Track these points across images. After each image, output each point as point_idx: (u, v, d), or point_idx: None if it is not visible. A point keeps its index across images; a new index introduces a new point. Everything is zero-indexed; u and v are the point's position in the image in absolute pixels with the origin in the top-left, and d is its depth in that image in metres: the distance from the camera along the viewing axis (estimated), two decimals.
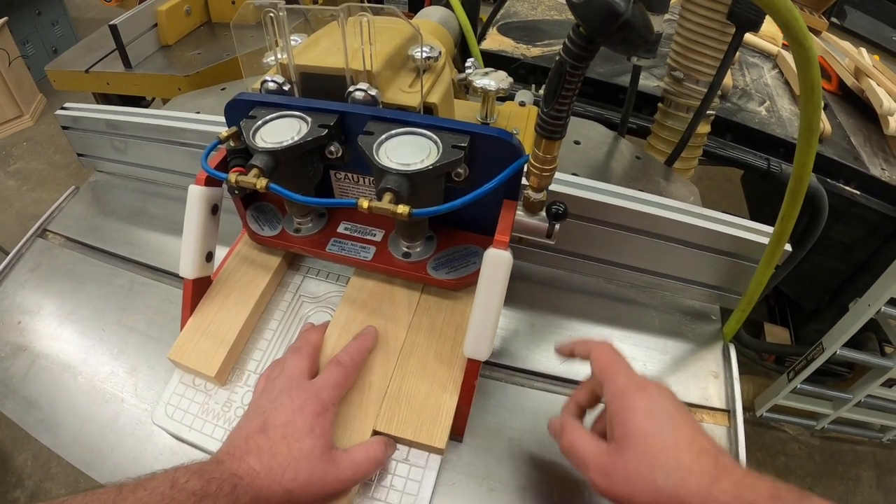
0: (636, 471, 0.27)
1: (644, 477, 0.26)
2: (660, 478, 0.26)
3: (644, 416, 0.28)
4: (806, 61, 0.29)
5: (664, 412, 0.28)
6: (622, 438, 0.28)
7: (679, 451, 0.26)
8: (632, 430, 0.28)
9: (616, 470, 0.27)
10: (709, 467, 0.25)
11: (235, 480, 0.29)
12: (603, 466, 0.28)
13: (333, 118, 0.36)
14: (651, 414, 0.28)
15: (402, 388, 0.36)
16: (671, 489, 0.25)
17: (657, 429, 0.27)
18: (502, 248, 0.33)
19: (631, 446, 0.27)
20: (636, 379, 0.30)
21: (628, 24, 0.24)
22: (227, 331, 0.40)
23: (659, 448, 0.27)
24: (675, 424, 0.27)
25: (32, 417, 0.42)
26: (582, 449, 0.30)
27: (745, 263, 0.45)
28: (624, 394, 0.29)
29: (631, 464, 0.27)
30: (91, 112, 0.59)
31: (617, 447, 0.28)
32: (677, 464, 0.26)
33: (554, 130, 0.31)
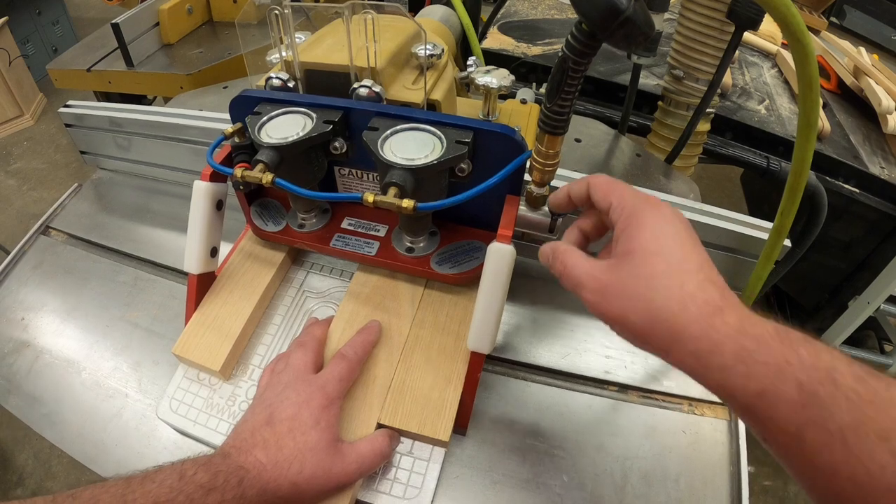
0: (634, 289, 0.24)
1: (641, 296, 0.24)
2: (658, 299, 0.23)
3: (651, 234, 0.25)
4: (804, 58, 0.29)
5: (675, 233, 0.25)
6: (623, 254, 0.25)
7: (684, 275, 0.24)
8: (635, 246, 0.25)
9: (612, 287, 0.25)
10: (714, 297, 0.23)
11: (242, 473, 0.29)
12: (599, 283, 0.26)
13: (338, 114, 0.36)
14: (659, 233, 0.25)
15: (406, 382, 0.37)
16: (669, 313, 0.23)
17: (663, 248, 0.24)
18: (506, 242, 0.33)
19: (631, 263, 0.25)
20: (648, 197, 0.27)
21: (630, 20, 0.24)
22: (231, 325, 0.40)
23: (662, 269, 0.24)
24: (685, 248, 0.25)
25: (36, 413, 0.43)
26: (577, 268, 0.27)
27: (745, 259, 0.46)
28: (634, 209, 0.26)
29: (629, 281, 0.24)
30: (94, 109, 0.59)
31: (616, 263, 0.25)
32: (680, 288, 0.23)
33: (556, 125, 0.31)
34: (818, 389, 0.20)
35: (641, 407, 0.41)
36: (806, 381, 0.20)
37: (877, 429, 0.19)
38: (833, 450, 0.19)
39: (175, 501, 0.26)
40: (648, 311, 0.24)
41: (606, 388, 0.42)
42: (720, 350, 0.22)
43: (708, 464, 0.38)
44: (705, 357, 0.22)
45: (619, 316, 0.25)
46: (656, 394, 0.42)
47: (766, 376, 0.21)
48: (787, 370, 0.21)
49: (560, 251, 0.29)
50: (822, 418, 0.20)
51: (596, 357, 0.44)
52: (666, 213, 0.26)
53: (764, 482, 1.15)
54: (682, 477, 0.37)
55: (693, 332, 0.22)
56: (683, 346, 0.23)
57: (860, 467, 0.19)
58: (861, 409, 0.19)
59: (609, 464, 0.37)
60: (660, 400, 0.41)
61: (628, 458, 0.38)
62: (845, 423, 0.19)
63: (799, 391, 0.20)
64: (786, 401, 0.21)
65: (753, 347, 0.22)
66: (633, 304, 0.24)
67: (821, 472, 0.20)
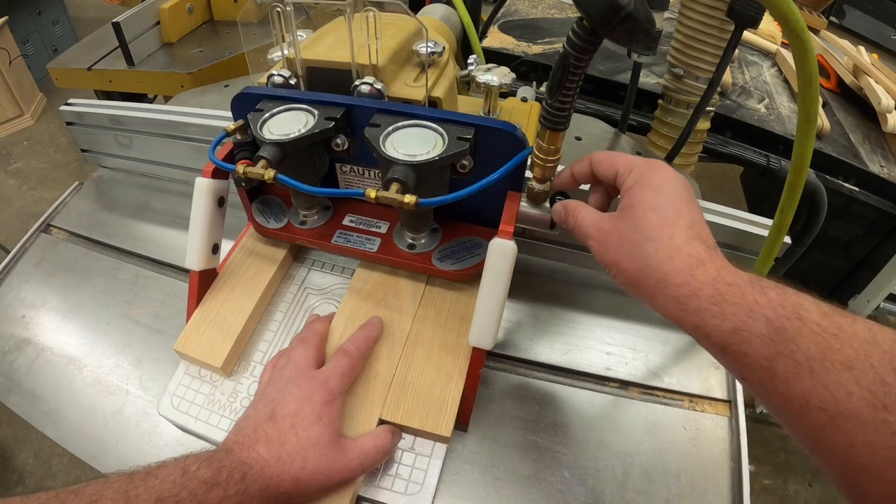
0: (629, 237, 0.27)
1: (635, 244, 0.27)
2: (649, 248, 0.26)
3: (651, 191, 0.28)
4: (804, 54, 0.29)
5: (672, 192, 0.28)
6: (625, 208, 0.28)
7: (675, 229, 0.26)
8: (635, 201, 0.28)
9: (612, 235, 0.28)
10: (698, 251, 0.26)
11: (245, 469, 0.29)
12: (601, 232, 0.29)
13: (340, 111, 0.36)
14: (659, 190, 0.28)
15: (407, 378, 0.37)
16: (657, 262, 0.26)
17: (660, 204, 0.27)
18: (507, 238, 0.33)
19: (631, 215, 0.28)
20: (653, 160, 0.30)
21: (630, 16, 0.24)
22: (232, 322, 0.40)
23: (656, 221, 0.27)
24: (680, 206, 0.27)
25: (37, 410, 0.43)
26: (586, 220, 0.30)
27: (745, 256, 0.46)
28: (640, 170, 0.29)
29: (626, 230, 0.28)
30: (95, 107, 0.59)
31: (619, 216, 0.29)
32: (669, 240, 0.26)
33: (558, 122, 0.31)
34: (785, 324, 0.22)
35: (642, 403, 0.41)
36: (774, 317, 0.22)
37: (841, 359, 0.20)
38: (802, 379, 0.21)
39: (178, 497, 0.26)
40: (639, 258, 0.26)
41: (607, 384, 0.42)
42: (698, 294, 0.24)
43: (709, 460, 0.38)
44: (685, 300, 0.25)
45: (615, 261, 0.28)
46: (657, 390, 0.42)
47: (737, 315, 0.23)
48: (757, 309, 0.23)
49: (571, 207, 0.32)
50: (790, 350, 0.21)
51: (597, 353, 0.44)
52: (668, 172, 0.29)
53: (764, 481, 1.15)
54: (683, 473, 0.37)
55: (675, 280, 0.25)
56: (666, 291, 0.25)
57: (828, 395, 0.20)
58: (826, 341, 0.21)
59: (610, 460, 0.37)
60: (660, 396, 0.42)
61: (629, 454, 0.38)
62: (812, 354, 0.21)
63: (767, 326, 0.22)
64: (757, 336, 0.22)
65: (727, 292, 0.24)
66: (627, 252, 0.27)
67: (794, 404, 0.21)
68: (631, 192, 0.29)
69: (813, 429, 0.21)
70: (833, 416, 0.20)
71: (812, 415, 0.21)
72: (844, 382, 0.20)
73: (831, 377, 0.20)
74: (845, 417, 0.20)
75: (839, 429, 0.20)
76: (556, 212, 0.34)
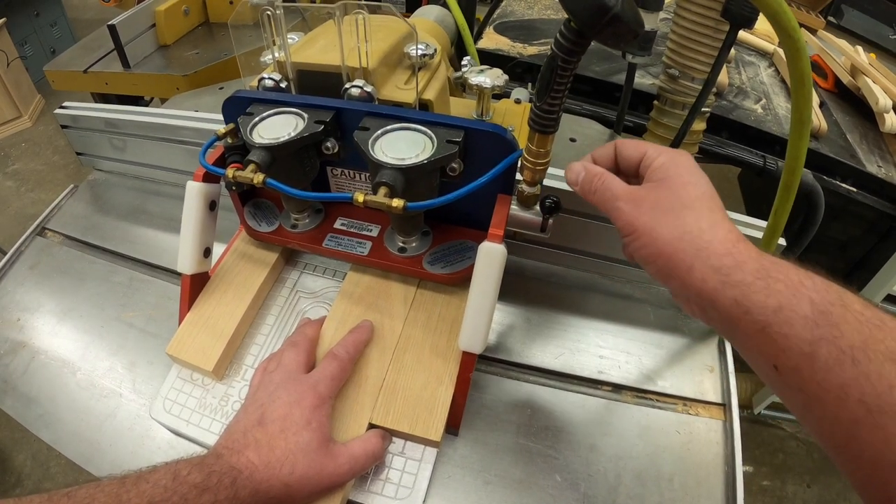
0: (668, 203, 0.26)
1: (674, 211, 0.26)
2: (690, 217, 0.25)
3: (685, 168, 0.27)
4: (795, 53, 0.29)
5: (704, 175, 0.28)
6: (660, 180, 0.27)
7: (713, 206, 0.26)
8: (671, 174, 0.27)
9: (648, 200, 0.27)
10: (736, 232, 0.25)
11: (235, 474, 0.29)
12: (635, 195, 0.27)
13: (330, 114, 0.36)
14: (692, 169, 0.27)
15: (398, 382, 0.37)
16: (699, 230, 0.25)
17: (697, 181, 0.27)
18: (497, 242, 0.33)
19: (667, 185, 0.27)
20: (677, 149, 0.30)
21: (617, 17, 0.24)
22: (224, 326, 0.40)
23: (696, 194, 0.26)
24: (712, 189, 0.27)
25: (32, 413, 0.43)
26: (614, 183, 0.29)
27: None
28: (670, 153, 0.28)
29: (665, 197, 0.26)
30: (90, 111, 0.59)
31: (653, 185, 0.27)
32: (711, 213, 0.25)
33: (546, 124, 0.31)
34: (830, 309, 0.21)
35: (635, 407, 0.41)
36: (818, 300, 0.22)
37: (885, 350, 0.20)
38: (844, 367, 0.20)
39: (169, 501, 0.26)
40: (678, 225, 0.25)
41: (600, 387, 0.42)
42: (742, 267, 0.23)
43: (702, 464, 0.38)
44: (727, 271, 0.24)
45: (649, 226, 0.26)
46: (650, 393, 0.42)
47: (782, 293, 0.22)
48: (802, 290, 0.22)
49: (598, 171, 0.30)
50: (833, 336, 0.21)
51: (589, 357, 0.44)
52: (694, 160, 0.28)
53: (762, 482, 1.15)
54: (676, 477, 0.37)
55: (719, 249, 0.24)
56: (707, 260, 0.24)
57: (869, 386, 0.19)
58: (870, 330, 0.20)
59: (602, 464, 0.37)
60: (654, 400, 0.41)
61: (622, 458, 0.38)
62: (855, 343, 0.20)
63: (812, 309, 0.21)
64: (801, 317, 0.21)
65: (772, 267, 0.23)
66: (664, 218, 0.26)
67: (831, 394, 0.20)
68: (664, 168, 0.28)
69: (847, 422, 0.20)
70: (872, 409, 0.19)
71: (849, 407, 0.20)
72: (887, 375, 0.19)
73: (874, 368, 0.19)
74: (884, 412, 0.19)
75: (877, 423, 0.19)
76: (574, 171, 0.31)
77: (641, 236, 0.27)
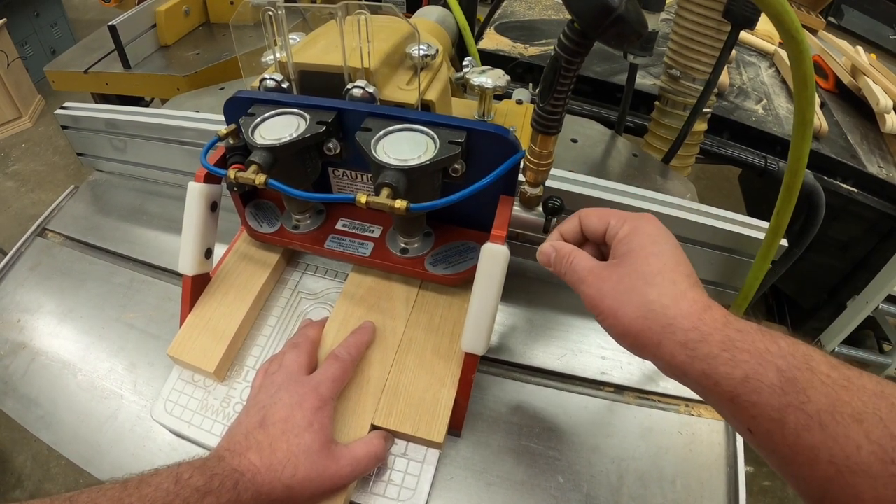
0: (630, 283, 0.26)
1: (637, 290, 0.26)
2: (653, 293, 0.25)
3: (648, 238, 0.27)
4: (799, 55, 0.29)
5: (668, 242, 0.27)
6: (622, 255, 0.27)
7: (677, 275, 0.26)
8: (634, 247, 0.27)
9: (610, 281, 0.27)
10: (703, 297, 0.25)
11: (237, 476, 0.29)
12: (598, 278, 0.28)
13: (332, 115, 0.36)
14: (655, 238, 0.27)
15: (400, 383, 0.36)
16: (662, 307, 0.25)
17: (660, 251, 0.27)
18: (499, 243, 0.33)
19: (630, 261, 0.27)
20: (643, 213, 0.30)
21: (621, 18, 0.24)
22: (225, 327, 0.40)
23: (658, 267, 0.26)
24: (677, 254, 0.27)
25: (32, 415, 0.42)
26: (580, 265, 0.29)
27: (742, 259, 0.46)
28: (633, 220, 0.29)
29: (626, 276, 0.26)
30: (90, 111, 0.59)
31: (616, 262, 0.28)
32: (673, 285, 0.25)
33: (549, 125, 0.31)
34: (797, 375, 0.22)
35: (637, 408, 0.41)
36: (785, 367, 0.22)
37: (851, 412, 0.20)
38: (812, 432, 0.21)
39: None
40: (643, 303, 0.25)
41: (602, 388, 0.42)
42: (708, 340, 0.24)
43: (704, 465, 0.38)
44: (694, 346, 0.24)
45: (613, 309, 0.27)
46: (652, 394, 0.42)
47: (748, 363, 0.23)
48: (768, 357, 0.22)
49: (564, 251, 0.30)
50: (801, 402, 0.21)
51: (592, 358, 0.43)
52: (660, 224, 0.29)
53: (763, 483, 1.15)
54: (679, 478, 0.37)
55: (684, 324, 0.24)
56: (674, 336, 0.24)
57: (837, 448, 0.20)
58: (836, 393, 0.21)
59: (605, 465, 0.37)
60: (656, 401, 0.41)
61: (624, 459, 0.37)
62: (822, 406, 0.21)
63: (779, 377, 0.22)
64: (768, 385, 0.22)
65: (737, 337, 0.23)
66: (628, 298, 0.26)
67: (803, 457, 0.21)
68: (628, 240, 0.28)
69: (820, 481, 0.21)
70: (842, 469, 0.20)
71: (820, 468, 0.20)
72: (854, 436, 0.20)
73: (841, 430, 0.20)
74: (854, 472, 0.20)
75: (847, 483, 0.20)
76: (544, 252, 0.32)
77: (607, 318, 0.27)
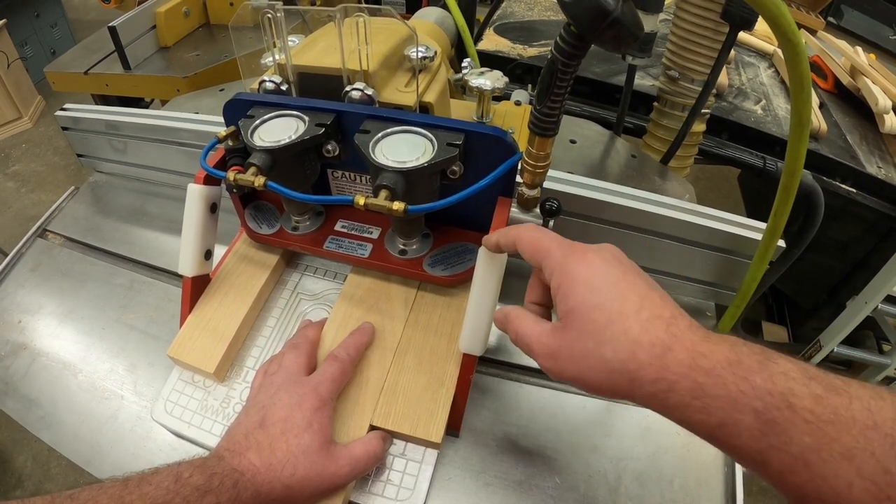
0: (583, 348, 0.24)
1: (591, 353, 0.24)
2: (608, 352, 0.24)
3: (585, 289, 0.25)
4: (795, 56, 0.29)
5: (607, 280, 0.25)
6: (565, 315, 0.25)
7: (626, 321, 0.24)
8: (574, 305, 0.25)
9: (562, 350, 0.25)
10: (660, 336, 0.23)
11: (237, 476, 0.29)
12: (549, 348, 0.26)
13: (330, 117, 0.36)
14: (593, 285, 0.25)
15: (398, 384, 0.37)
16: (621, 363, 0.23)
17: (601, 300, 0.25)
18: None
19: (575, 323, 0.25)
20: (574, 247, 0.27)
21: (618, 21, 0.24)
22: (225, 328, 0.40)
23: (604, 321, 0.24)
24: (621, 292, 0.25)
25: (33, 415, 0.43)
26: (527, 334, 0.27)
27: (740, 259, 0.46)
28: (563, 267, 0.26)
29: (577, 341, 0.25)
30: (91, 113, 0.59)
31: (561, 326, 0.26)
32: (625, 336, 0.23)
33: (546, 127, 0.31)
34: (775, 416, 0.20)
35: (635, 408, 0.41)
36: (762, 408, 0.20)
37: (839, 449, 0.19)
38: (797, 472, 0.20)
39: (172, 503, 0.26)
40: (602, 366, 0.24)
41: None
42: (676, 389, 0.22)
43: (702, 465, 0.38)
44: (663, 397, 0.23)
45: (577, 376, 0.25)
46: None
47: (721, 409, 0.21)
48: (742, 400, 0.21)
49: (511, 317, 0.29)
50: (782, 443, 0.20)
51: None
52: (593, 260, 0.26)
53: (761, 482, 1.14)
54: (677, 478, 0.37)
55: (648, 376, 0.23)
56: (642, 389, 0.23)
57: (826, 487, 0.19)
58: (821, 429, 0.19)
59: (603, 465, 0.37)
60: None
61: (622, 459, 0.38)
62: (806, 446, 0.19)
63: (756, 419, 0.21)
64: (746, 429, 0.21)
65: (707, 382, 0.22)
66: (587, 363, 0.24)
67: (792, 494, 0.20)
68: (563, 295, 0.26)
69: None
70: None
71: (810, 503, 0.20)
72: (844, 474, 0.19)
73: (829, 469, 0.19)
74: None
75: None
76: (497, 319, 0.31)
77: (576, 384, 0.25)
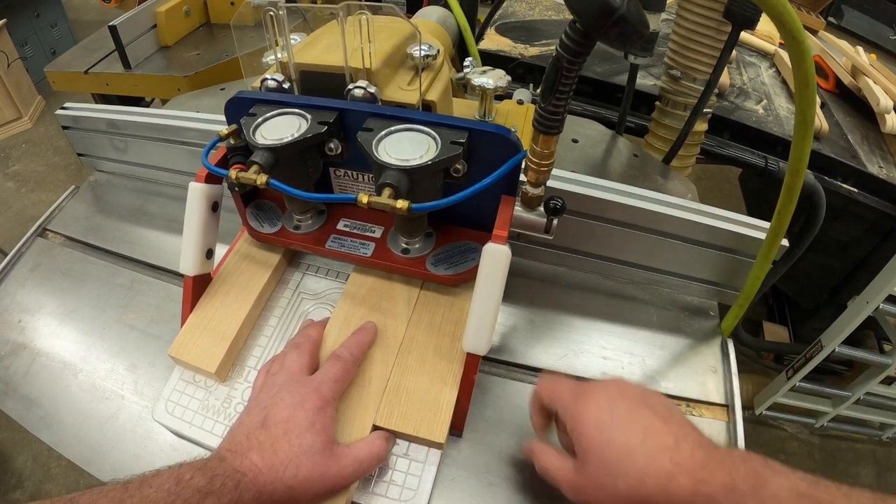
0: (600, 481, 0.29)
1: (607, 485, 0.28)
2: (620, 484, 0.28)
3: (595, 429, 0.29)
4: (800, 55, 0.29)
5: (613, 418, 0.29)
6: (582, 454, 0.30)
7: (633, 455, 0.28)
8: (587, 445, 0.29)
9: (586, 484, 0.30)
10: (665, 465, 0.27)
11: (238, 477, 0.29)
12: (573, 484, 0.30)
13: (333, 115, 0.36)
14: (600, 424, 0.29)
15: (401, 383, 0.36)
16: (632, 492, 0.27)
17: (609, 438, 0.29)
18: (501, 243, 0.33)
19: (591, 460, 0.29)
20: (581, 389, 0.32)
21: (623, 18, 0.24)
22: (227, 327, 0.40)
23: (614, 457, 0.28)
24: (626, 429, 0.29)
25: (33, 415, 0.42)
26: (552, 471, 0.32)
27: (743, 259, 0.46)
28: (573, 411, 0.31)
29: (594, 477, 0.29)
30: (91, 111, 0.59)
31: (581, 463, 0.30)
32: (633, 468, 0.27)
33: (551, 125, 0.31)
34: None
35: None
36: None
37: None
38: None
39: None
40: (618, 495, 0.28)
41: None
42: None
43: None
44: None
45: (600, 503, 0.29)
46: None
47: None
48: None
49: (538, 452, 0.33)
50: None
51: (593, 358, 0.43)
52: (599, 399, 0.30)
53: None
54: None
55: (658, 500, 0.27)
56: None
57: None
58: None
59: None
60: None
61: None
62: None
63: None
64: None
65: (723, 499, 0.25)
66: (605, 494, 0.29)
67: None
68: (578, 436, 0.30)
69: None
70: None
71: None
72: None
73: None
74: None
75: None
76: (525, 450, 0.35)
77: None
